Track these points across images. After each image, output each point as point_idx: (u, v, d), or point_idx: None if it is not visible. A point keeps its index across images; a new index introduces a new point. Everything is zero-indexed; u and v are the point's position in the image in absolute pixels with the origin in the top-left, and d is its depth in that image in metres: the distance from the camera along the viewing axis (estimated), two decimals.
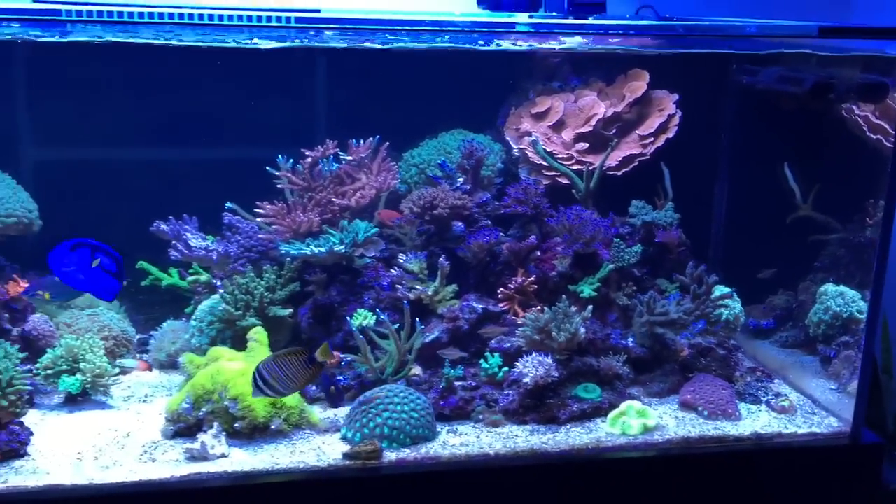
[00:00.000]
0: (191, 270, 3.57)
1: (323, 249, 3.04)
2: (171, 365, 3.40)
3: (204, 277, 3.43)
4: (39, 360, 3.04)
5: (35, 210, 3.33)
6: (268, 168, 3.43)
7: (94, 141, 3.66)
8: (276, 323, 3.18)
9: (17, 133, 3.53)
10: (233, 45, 3.13)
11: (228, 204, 3.44)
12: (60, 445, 2.74)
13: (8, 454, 2.62)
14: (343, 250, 3.08)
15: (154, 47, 3.21)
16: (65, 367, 2.99)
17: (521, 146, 3.52)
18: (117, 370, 3.10)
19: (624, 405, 2.94)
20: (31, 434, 2.73)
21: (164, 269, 3.64)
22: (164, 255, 3.60)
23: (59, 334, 3.21)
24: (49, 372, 2.98)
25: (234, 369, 2.79)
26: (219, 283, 3.40)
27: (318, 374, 2.72)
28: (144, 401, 3.13)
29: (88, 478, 2.55)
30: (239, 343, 3.17)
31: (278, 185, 3.35)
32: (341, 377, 3.08)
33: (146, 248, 3.59)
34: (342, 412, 3.01)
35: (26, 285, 3.15)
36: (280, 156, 3.43)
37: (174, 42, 3.12)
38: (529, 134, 3.49)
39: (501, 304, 3.21)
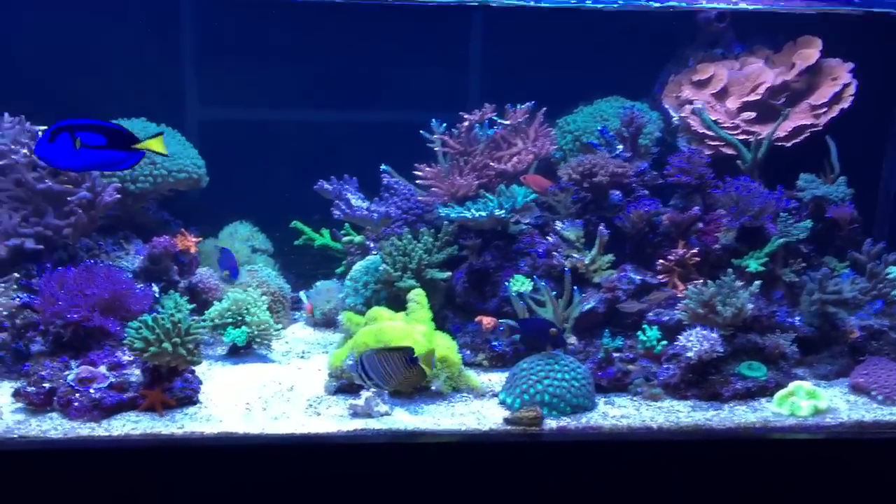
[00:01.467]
0: (343, 231, 3.63)
1: (483, 214, 3.02)
2: (325, 323, 3.47)
3: (358, 239, 3.47)
4: (206, 311, 3.16)
5: (203, 166, 3.44)
6: (422, 132, 3.45)
7: (255, 101, 3.76)
8: (430, 286, 3.18)
9: (183, 92, 3.67)
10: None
11: (384, 166, 3.47)
12: (228, 395, 2.83)
13: (183, 400, 2.73)
14: (503, 215, 3.06)
15: (314, 8, 3.26)
16: (231, 319, 3.10)
17: (683, 114, 3.41)
18: (280, 325, 3.18)
19: (792, 385, 2.82)
20: (201, 382, 2.83)
21: (316, 230, 3.74)
22: (314, 215, 3.70)
23: (223, 288, 3.32)
24: (216, 323, 3.10)
25: (397, 329, 2.82)
26: (372, 245, 3.45)
27: (418, 375, 2.62)
28: (302, 356, 3.21)
29: (259, 427, 2.63)
30: (393, 303, 3.20)
31: (435, 149, 3.35)
32: (496, 343, 3.08)
33: (299, 208, 3.69)
34: (496, 377, 3.02)
35: (194, 240, 3.26)
36: (434, 119, 3.44)
37: None
38: (690, 102, 3.38)
39: (660, 276, 3.13)
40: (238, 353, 3.14)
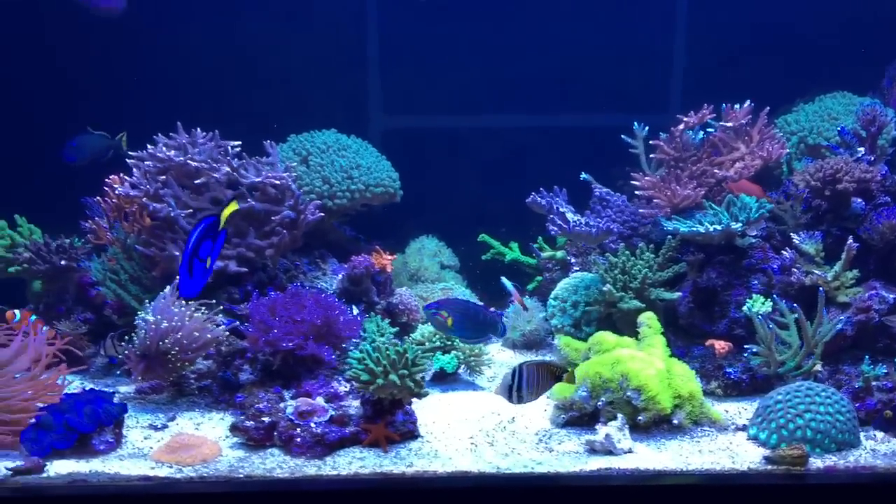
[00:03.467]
0: (536, 245, 3.40)
1: (718, 227, 2.73)
2: (524, 345, 3.25)
3: (559, 254, 3.23)
4: (410, 335, 2.96)
5: (397, 179, 3.25)
6: (623, 137, 3.18)
7: (437, 108, 3.56)
8: (650, 306, 2.93)
9: (367, 101, 3.49)
10: None
11: (584, 175, 3.21)
12: (447, 427, 2.62)
13: (406, 435, 2.53)
14: (739, 228, 2.77)
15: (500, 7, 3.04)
16: (438, 343, 2.89)
17: None
18: (489, 350, 2.96)
19: None
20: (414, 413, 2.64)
21: (504, 243, 3.52)
22: (501, 228, 3.48)
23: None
24: (426, 348, 2.89)
25: (636, 358, 2.56)
26: (573, 261, 3.20)
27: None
28: None
29: (493, 466, 2.41)
30: (603, 324, 2.97)
31: (652, 156, 3.08)
32: (731, 370, 2.80)
33: (485, 220, 3.48)
34: (732, 408, 2.74)
35: (389, 257, 3.07)
36: (636, 122, 3.17)
37: None
38: None
39: None
40: (444, 380, 2.93)
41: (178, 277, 2.74)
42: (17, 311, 2.93)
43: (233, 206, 2.42)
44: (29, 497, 2.31)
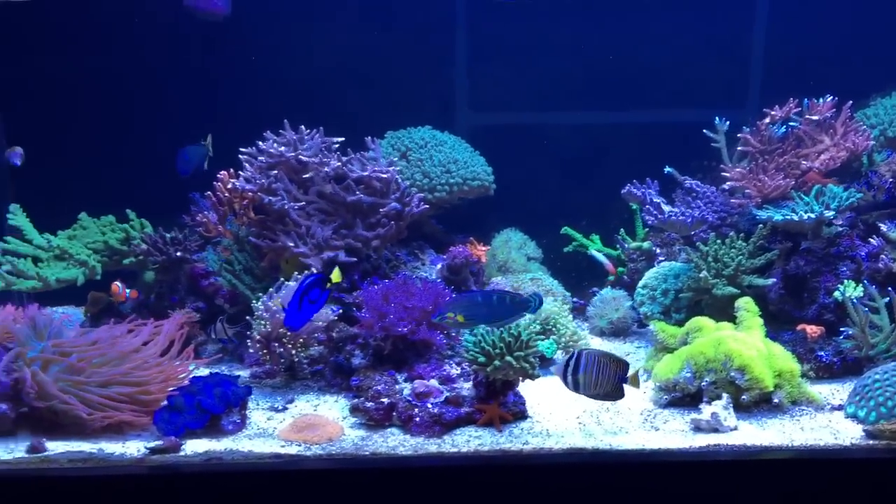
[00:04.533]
0: (620, 236, 3.51)
1: (812, 216, 2.84)
2: (612, 332, 3.35)
3: (646, 245, 3.34)
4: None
5: (492, 173, 3.37)
6: (705, 131, 3.29)
7: (521, 105, 3.68)
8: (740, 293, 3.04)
9: (454, 98, 3.62)
10: None
11: (668, 168, 3.33)
12: (552, 408, 2.74)
13: (517, 415, 2.65)
14: (832, 216, 2.87)
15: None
16: (538, 328, 3.00)
17: None
18: (586, 333, 3.07)
19: None
20: None
21: (585, 236, 3.63)
22: (581, 221, 3.59)
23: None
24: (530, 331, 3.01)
25: (739, 339, 2.67)
26: (658, 251, 3.31)
27: (619, 394, 2.46)
28: None
29: (605, 443, 2.52)
30: (692, 311, 3.07)
31: (739, 148, 3.18)
32: (822, 353, 2.90)
33: (566, 213, 3.59)
34: (825, 389, 2.84)
35: (483, 249, 3.19)
36: (717, 117, 3.28)
37: None
38: None
39: None
40: (541, 364, 3.03)
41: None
42: (119, 283, 3.08)
43: (337, 278, 2.61)
44: (167, 474, 2.44)
